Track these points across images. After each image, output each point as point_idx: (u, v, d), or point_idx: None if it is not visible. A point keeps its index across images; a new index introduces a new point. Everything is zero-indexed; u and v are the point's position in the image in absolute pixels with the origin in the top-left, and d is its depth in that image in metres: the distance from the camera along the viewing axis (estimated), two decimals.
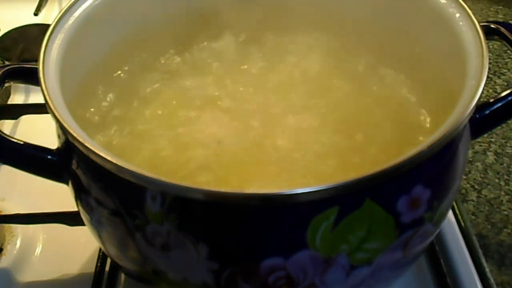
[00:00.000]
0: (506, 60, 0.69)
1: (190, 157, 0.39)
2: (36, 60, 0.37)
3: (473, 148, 0.57)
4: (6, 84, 0.40)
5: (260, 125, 0.41)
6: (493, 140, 0.58)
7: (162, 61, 0.47)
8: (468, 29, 0.38)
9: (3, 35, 0.71)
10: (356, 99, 0.43)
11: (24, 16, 0.74)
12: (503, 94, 0.39)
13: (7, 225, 0.49)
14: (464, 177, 0.54)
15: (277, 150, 0.39)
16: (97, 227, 0.36)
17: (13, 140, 0.37)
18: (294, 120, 0.41)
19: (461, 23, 0.38)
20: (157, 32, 0.47)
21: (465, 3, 0.40)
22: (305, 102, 0.43)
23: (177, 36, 0.48)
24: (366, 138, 0.40)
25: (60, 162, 0.36)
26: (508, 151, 0.57)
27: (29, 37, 0.70)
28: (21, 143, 0.37)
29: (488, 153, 0.57)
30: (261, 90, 0.44)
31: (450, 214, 0.49)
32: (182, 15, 0.48)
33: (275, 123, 0.41)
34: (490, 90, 0.65)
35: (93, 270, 0.45)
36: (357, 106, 0.43)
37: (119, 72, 0.46)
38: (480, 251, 0.46)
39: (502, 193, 0.53)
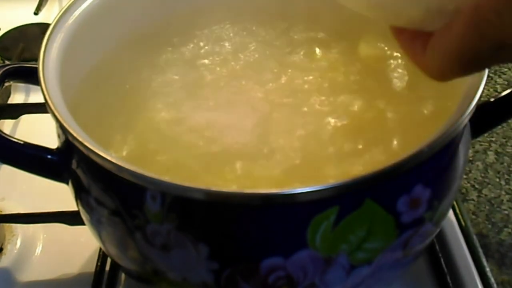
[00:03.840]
0: None
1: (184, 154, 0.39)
2: (36, 59, 0.37)
3: (473, 147, 0.57)
4: (6, 84, 0.40)
5: None
6: (493, 139, 0.58)
7: (162, 60, 0.47)
8: None
9: (3, 35, 0.71)
10: (357, 99, 0.43)
11: (24, 16, 0.74)
12: (504, 93, 0.39)
13: (7, 224, 0.49)
14: (464, 176, 0.54)
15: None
16: (97, 226, 0.36)
17: (13, 140, 0.37)
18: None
19: None
20: (157, 31, 0.47)
21: None
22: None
23: (177, 35, 0.48)
24: (367, 140, 0.39)
25: (60, 161, 0.36)
26: (509, 150, 0.57)
27: (29, 37, 0.70)
28: (21, 142, 0.37)
29: (489, 153, 0.57)
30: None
31: (451, 213, 0.48)
32: (182, 14, 0.48)
33: None
34: (491, 89, 0.65)
35: (93, 270, 0.45)
36: (359, 105, 0.43)
37: (119, 72, 0.46)
38: (480, 250, 0.46)
39: (503, 192, 0.53)
